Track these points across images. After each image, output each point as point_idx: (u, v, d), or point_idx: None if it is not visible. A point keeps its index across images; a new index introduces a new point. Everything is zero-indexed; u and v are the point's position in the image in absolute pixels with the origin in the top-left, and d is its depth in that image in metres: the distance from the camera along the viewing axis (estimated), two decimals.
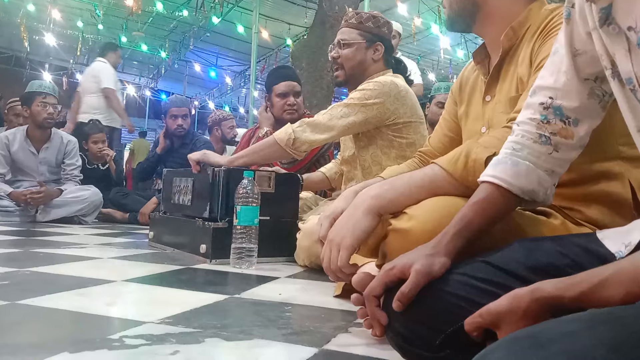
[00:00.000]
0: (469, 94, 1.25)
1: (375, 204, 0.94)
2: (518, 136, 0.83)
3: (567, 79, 0.78)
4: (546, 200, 0.84)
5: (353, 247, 0.93)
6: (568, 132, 0.80)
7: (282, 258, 1.93)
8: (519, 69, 1.05)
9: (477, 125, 1.16)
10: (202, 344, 0.83)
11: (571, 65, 0.77)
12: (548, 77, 0.81)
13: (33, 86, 3.50)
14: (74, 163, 3.65)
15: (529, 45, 1.04)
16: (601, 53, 0.68)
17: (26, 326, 0.93)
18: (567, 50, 0.77)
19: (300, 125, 1.91)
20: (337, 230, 0.97)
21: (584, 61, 0.76)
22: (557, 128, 0.80)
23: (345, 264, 0.93)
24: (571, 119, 0.79)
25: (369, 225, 0.93)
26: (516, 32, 1.09)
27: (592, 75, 0.76)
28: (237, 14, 8.56)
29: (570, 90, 0.78)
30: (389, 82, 1.92)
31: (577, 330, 0.43)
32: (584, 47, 0.74)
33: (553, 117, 0.80)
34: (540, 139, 0.81)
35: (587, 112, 0.79)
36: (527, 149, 0.81)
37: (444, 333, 0.67)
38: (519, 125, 0.84)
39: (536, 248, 0.74)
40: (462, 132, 1.26)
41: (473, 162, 0.91)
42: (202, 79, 13.24)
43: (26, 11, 8.07)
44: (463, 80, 1.29)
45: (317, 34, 5.17)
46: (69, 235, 2.55)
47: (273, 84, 2.73)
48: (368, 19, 2.04)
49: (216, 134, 4.69)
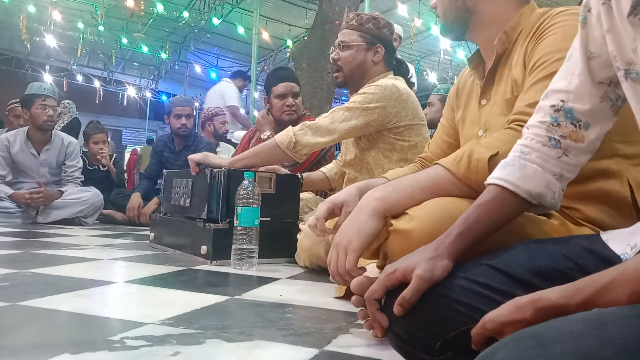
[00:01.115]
0: (465, 99, 1.26)
1: (380, 206, 0.94)
2: (527, 139, 0.82)
3: (580, 81, 0.77)
4: (554, 204, 0.82)
5: (361, 249, 0.93)
6: (578, 136, 0.79)
7: (282, 259, 1.93)
8: (513, 72, 1.06)
9: (474, 129, 1.17)
10: (203, 345, 0.83)
11: (585, 68, 0.77)
12: (561, 81, 0.81)
13: (32, 88, 3.50)
14: (75, 165, 3.65)
15: (522, 48, 1.05)
16: (615, 54, 0.68)
17: (27, 327, 0.93)
18: (582, 53, 0.77)
19: (302, 129, 1.91)
20: (343, 233, 0.96)
21: (598, 64, 0.75)
22: (567, 131, 0.79)
23: (353, 267, 0.93)
24: (582, 122, 0.78)
25: (375, 228, 0.93)
26: (509, 36, 1.10)
27: (606, 79, 0.76)
28: (237, 15, 8.56)
29: (583, 93, 0.78)
30: (390, 85, 1.92)
31: (583, 330, 0.42)
32: (599, 51, 0.74)
33: (564, 119, 0.79)
34: (549, 141, 0.80)
35: (598, 116, 0.78)
36: (536, 152, 0.80)
37: (444, 337, 0.67)
38: (529, 128, 0.83)
39: (540, 251, 0.73)
40: (460, 137, 1.27)
41: (476, 162, 0.91)
42: (202, 80, 13.22)
43: (27, 12, 8.08)
44: (460, 86, 1.30)
45: (318, 35, 5.17)
46: (69, 237, 2.56)
47: (272, 85, 2.73)
48: (368, 20, 2.04)
49: (209, 129, 4.66)
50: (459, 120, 1.27)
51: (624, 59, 0.66)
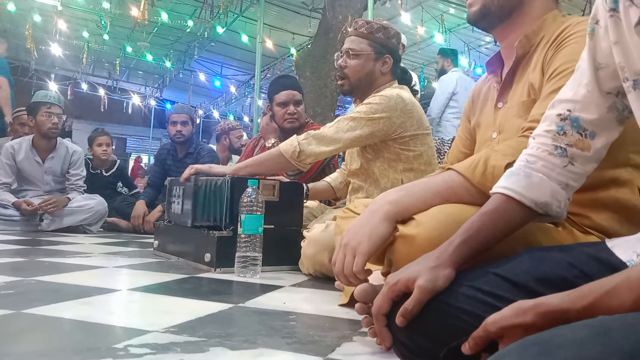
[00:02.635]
0: (481, 105, 1.25)
1: (393, 210, 0.93)
2: (533, 149, 0.82)
3: (588, 91, 0.78)
4: (560, 214, 0.82)
5: (370, 253, 0.92)
6: (584, 144, 0.79)
7: (286, 267, 1.92)
8: (530, 75, 1.06)
9: (489, 132, 1.16)
10: (207, 353, 0.83)
11: (593, 79, 0.77)
12: (567, 91, 0.81)
13: (38, 96, 3.53)
14: (79, 173, 3.66)
15: (542, 53, 1.05)
16: (623, 65, 0.68)
17: (31, 335, 0.93)
18: (590, 64, 0.77)
19: (306, 138, 1.91)
20: (352, 234, 0.95)
21: (606, 75, 0.76)
22: (573, 140, 0.79)
23: (360, 270, 0.92)
24: (588, 131, 0.79)
25: (386, 232, 0.92)
26: (530, 40, 1.09)
27: (614, 89, 0.76)
28: (241, 23, 8.60)
29: (590, 103, 0.78)
30: (395, 95, 1.90)
31: (588, 337, 0.41)
32: (607, 61, 0.75)
33: (570, 128, 0.79)
34: (555, 150, 0.80)
35: (604, 125, 0.78)
36: (542, 161, 0.80)
37: (448, 346, 0.67)
38: (535, 138, 0.83)
39: (545, 259, 0.73)
40: (476, 143, 1.27)
41: (492, 169, 0.90)
42: (206, 89, 13.30)
43: (32, 22, 8.14)
44: (475, 94, 1.30)
45: (321, 43, 5.20)
46: (74, 245, 2.56)
47: (274, 94, 2.75)
48: (379, 29, 2.01)
49: (224, 142, 4.75)
50: (475, 126, 1.26)
51: (633, 69, 0.67)
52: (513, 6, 1.10)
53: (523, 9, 1.10)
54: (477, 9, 1.12)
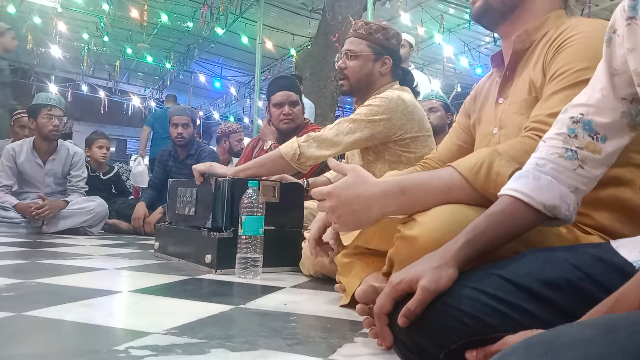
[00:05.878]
0: (482, 101, 1.26)
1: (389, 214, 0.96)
2: (543, 152, 0.82)
3: (603, 95, 0.78)
4: (569, 217, 0.81)
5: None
6: (595, 147, 0.79)
7: (287, 268, 1.92)
8: (531, 72, 1.06)
9: (489, 127, 1.16)
10: (208, 354, 0.83)
11: (609, 84, 0.78)
12: (581, 97, 0.81)
13: (39, 98, 3.54)
14: (80, 175, 3.67)
15: (542, 51, 1.05)
16: (638, 71, 0.70)
17: (32, 337, 0.93)
18: (606, 70, 0.78)
19: (306, 140, 1.91)
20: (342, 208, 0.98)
21: (622, 81, 0.76)
22: (584, 142, 0.79)
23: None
24: (600, 134, 0.79)
25: (373, 222, 0.97)
26: (530, 36, 1.09)
27: (629, 95, 0.77)
28: (241, 24, 8.61)
29: (604, 107, 0.78)
30: (395, 97, 1.90)
31: (594, 336, 0.41)
32: (623, 68, 0.75)
33: (581, 131, 0.79)
34: (566, 153, 0.79)
35: (616, 130, 0.78)
36: (551, 164, 0.80)
37: (448, 348, 0.67)
38: (545, 141, 0.83)
39: (549, 260, 0.73)
40: (475, 138, 1.27)
41: (496, 175, 0.89)
42: (206, 90, 13.31)
43: (32, 24, 8.15)
44: (478, 90, 1.30)
45: (321, 44, 5.20)
46: (74, 247, 2.56)
47: (270, 94, 2.76)
48: (377, 30, 2.01)
49: (224, 145, 4.74)
50: (475, 121, 1.27)
51: None
52: (515, 2, 1.11)
53: (525, 5, 1.11)
54: (479, 5, 1.13)
